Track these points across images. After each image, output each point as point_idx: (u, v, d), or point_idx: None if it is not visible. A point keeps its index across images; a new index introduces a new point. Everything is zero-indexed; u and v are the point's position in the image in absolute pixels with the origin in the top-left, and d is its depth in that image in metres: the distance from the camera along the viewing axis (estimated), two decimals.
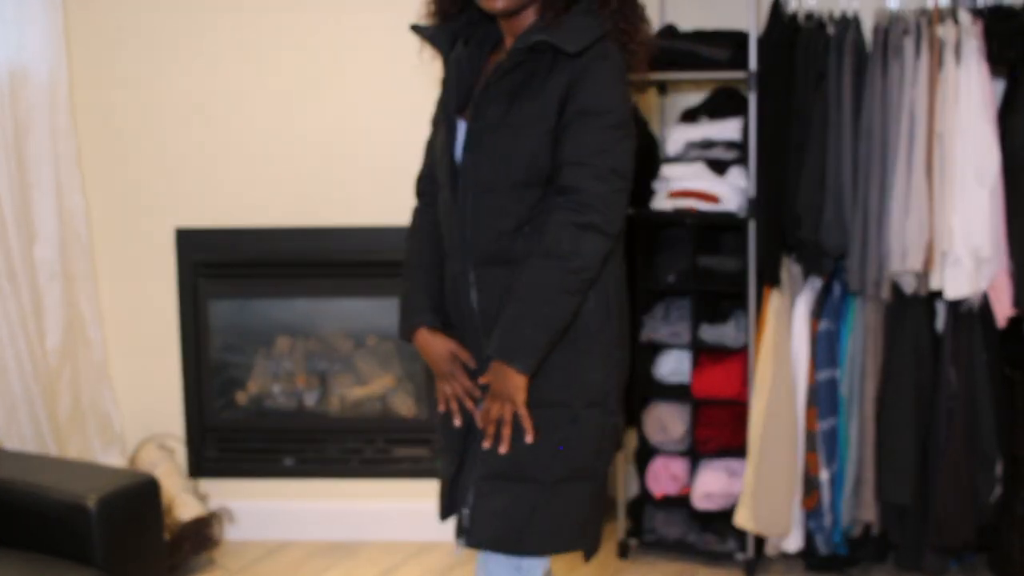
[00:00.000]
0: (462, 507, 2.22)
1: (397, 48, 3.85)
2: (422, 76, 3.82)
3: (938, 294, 3.42)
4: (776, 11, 3.59)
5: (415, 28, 2.31)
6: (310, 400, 4.18)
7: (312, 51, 3.92)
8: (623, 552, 3.84)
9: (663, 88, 4.14)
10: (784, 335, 3.55)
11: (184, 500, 3.79)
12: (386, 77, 3.89)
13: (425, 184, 2.45)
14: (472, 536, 2.18)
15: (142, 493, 2.83)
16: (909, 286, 3.37)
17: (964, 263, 3.31)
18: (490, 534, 2.16)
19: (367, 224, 3.96)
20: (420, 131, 3.88)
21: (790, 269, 3.59)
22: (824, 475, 3.53)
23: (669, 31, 3.88)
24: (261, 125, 3.96)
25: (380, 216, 3.95)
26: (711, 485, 3.72)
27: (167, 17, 3.93)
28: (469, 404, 2.23)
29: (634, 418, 3.78)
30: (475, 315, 2.20)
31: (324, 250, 4.00)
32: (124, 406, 4.09)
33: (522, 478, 2.15)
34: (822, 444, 3.53)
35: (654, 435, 3.78)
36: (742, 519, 3.61)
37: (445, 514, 2.34)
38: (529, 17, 2.16)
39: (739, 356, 3.73)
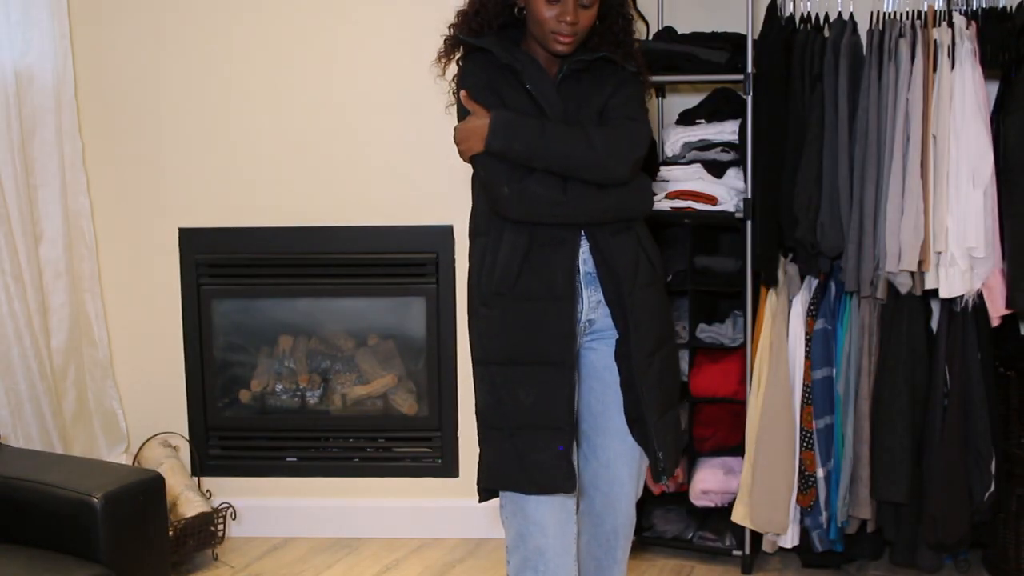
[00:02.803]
0: (657, 452, 2.56)
1: (398, 50, 3.91)
2: (422, 78, 3.85)
3: (933, 293, 3.45)
4: (772, 14, 3.62)
5: (475, 44, 2.53)
6: (312, 399, 4.21)
7: (313, 53, 3.95)
8: None
9: (661, 90, 4.17)
10: (781, 334, 3.59)
11: (188, 497, 3.83)
12: (387, 79, 3.93)
13: None
14: (668, 472, 2.59)
15: (147, 490, 2.87)
16: (904, 286, 3.40)
17: (958, 263, 3.34)
18: (674, 462, 2.63)
19: (369, 224, 3.99)
20: (420, 132, 3.94)
21: (787, 269, 3.62)
22: (820, 473, 3.56)
23: (667, 34, 3.91)
24: (264, 126, 3.99)
25: (382, 216, 3.98)
26: (709, 482, 3.76)
27: (171, 20, 3.97)
28: None
29: None
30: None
31: (326, 250, 4.04)
32: (129, 404, 4.13)
33: (670, 405, 2.62)
34: (818, 442, 3.56)
35: None
36: (739, 516, 3.64)
37: (571, 485, 2.51)
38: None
39: (736, 355, 3.76)
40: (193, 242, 4.06)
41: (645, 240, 2.58)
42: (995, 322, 3.43)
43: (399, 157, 3.95)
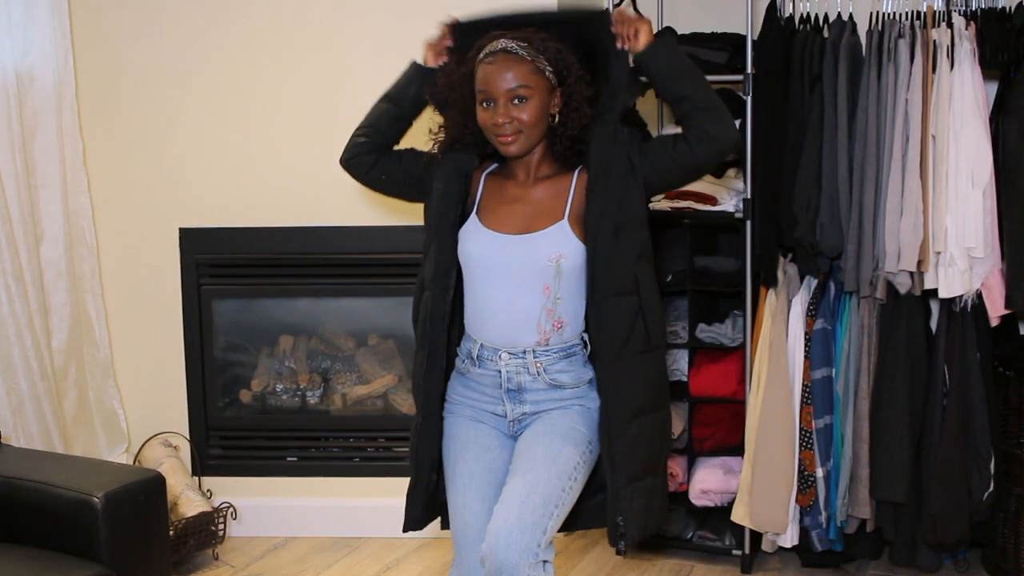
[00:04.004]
0: (616, 516, 2.49)
1: (397, 51, 3.90)
2: None
3: (932, 293, 3.45)
4: (772, 14, 3.62)
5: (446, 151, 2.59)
6: (313, 398, 4.22)
7: (313, 54, 3.96)
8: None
9: None
10: (780, 334, 3.59)
11: (189, 497, 3.83)
12: (387, 79, 3.92)
13: None
14: (629, 538, 2.50)
15: (148, 490, 2.88)
16: (903, 286, 3.41)
17: (957, 263, 3.34)
18: (640, 529, 2.52)
19: (369, 224, 4.00)
20: (421, 132, 3.94)
21: (786, 269, 3.63)
22: (819, 472, 3.57)
23: (667, 34, 3.91)
24: (265, 126, 4.00)
25: (382, 216, 3.99)
26: (708, 482, 3.76)
27: (171, 21, 3.98)
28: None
29: None
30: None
31: (326, 250, 4.04)
32: (129, 404, 4.14)
33: (647, 472, 2.53)
34: (817, 442, 3.56)
35: None
36: (739, 515, 3.65)
37: (415, 527, 2.68)
38: (537, 153, 2.51)
39: (736, 355, 3.77)
40: (194, 242, 4.07)
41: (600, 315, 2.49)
42: (994, 322, 3.43)
43: None
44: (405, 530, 2.67)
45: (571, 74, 2.46)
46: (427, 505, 2.65)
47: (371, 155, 2.66)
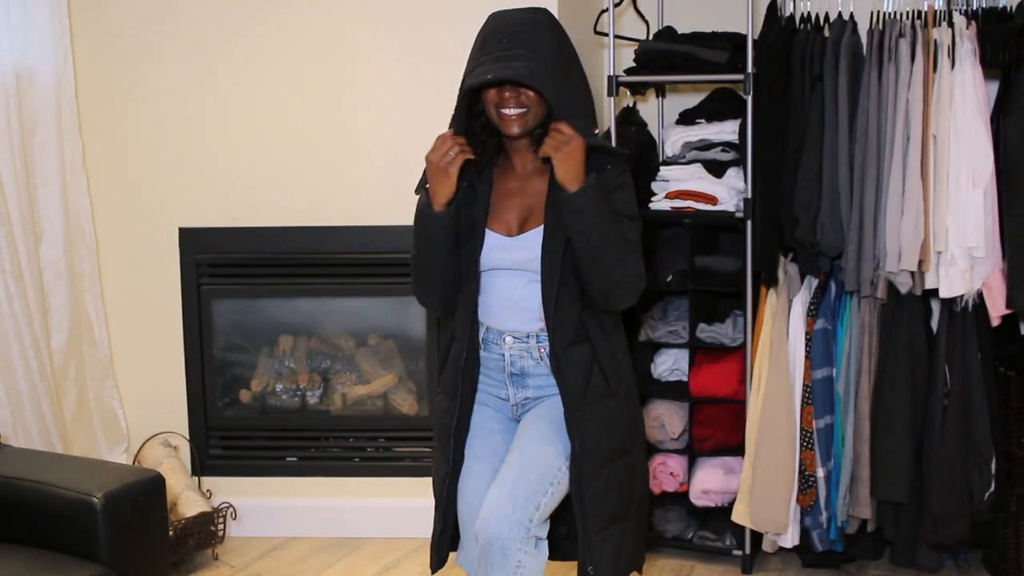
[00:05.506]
0: (587, 566, 2.51)
1: (398, 51, 3.91)
2: (422, 77, 3.85)
3: (933, 293, 3.45)
4: (772, 14, 3.62)
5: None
6: (312, 398, 4.21)
7: (314, 53, 3.95)
8: None
9: (662, 90, 4.17)
10: (781, 334, 3.59)
11: (188, 497, 3.83)
12: (387, 79, 3.93)
13: None
14: None
15: (147, 490, 2.87)
16: (904, 285, 3.40)
17: (958, 263, 3.34)
18: (615, 571, 2.55)
19: (369, 224, 3.99)
20: (420, 132, 3.94)
21: (787, 269, 3.62)
22: (820, 472, 3.56)
23: (667, 34, 3.92)
24: (264, 125, 3.99)
25: (382, 216, 3.98)
26: (709, 482, 3.76)
27: (171, 20, 3.97)
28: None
29: None
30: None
31: (326, 250, 4.04)
32: (129, 404, 4.13)
33: (617, 518, 2.55)
34: (818, 442, 3.56)
35: (653, 433, 3.82)
36: (739, 516, 3.65)
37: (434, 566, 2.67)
38: (531, 144, 2.53)
39: (736, 355, 3.76)
40: (193, 242, 4.06)
41: (602, 354, 2.53)
42: (995, 322, 3.43)
43: (399, 157, 3.95)
44: (434, 571, 2.67)
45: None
46: (452, 543, 2.67)
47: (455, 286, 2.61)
